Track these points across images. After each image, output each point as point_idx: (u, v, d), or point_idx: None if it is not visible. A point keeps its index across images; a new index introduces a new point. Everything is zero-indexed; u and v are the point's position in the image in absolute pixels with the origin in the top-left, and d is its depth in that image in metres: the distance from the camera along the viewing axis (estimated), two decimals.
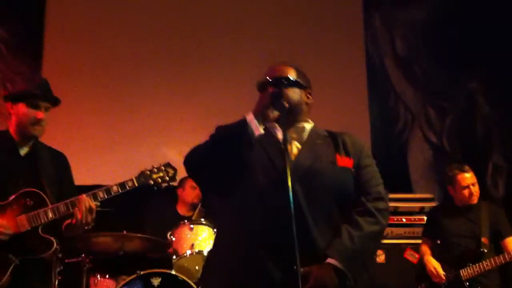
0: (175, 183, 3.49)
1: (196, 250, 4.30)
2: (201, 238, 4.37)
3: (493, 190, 6.12)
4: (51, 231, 2.97)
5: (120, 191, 3.05)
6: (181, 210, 5.07)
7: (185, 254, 4.32)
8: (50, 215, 2.91)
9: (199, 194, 4.97)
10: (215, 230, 4.19)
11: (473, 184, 4.36)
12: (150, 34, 6.29)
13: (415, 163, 6.41)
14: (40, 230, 2.91)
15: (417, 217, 5.13)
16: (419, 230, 4.88)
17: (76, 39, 6.18)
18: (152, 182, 3.15)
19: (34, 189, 2.94)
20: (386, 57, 6.73)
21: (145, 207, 4.95)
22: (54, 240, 2.92)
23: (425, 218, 4.83)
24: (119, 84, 6.11)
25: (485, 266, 4.13)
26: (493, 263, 4.12)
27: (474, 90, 6.46)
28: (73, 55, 6.11)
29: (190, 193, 5.02)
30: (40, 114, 3.01)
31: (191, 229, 4.40)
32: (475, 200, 4.35)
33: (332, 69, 6.32)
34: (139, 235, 4.42)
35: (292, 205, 2.02)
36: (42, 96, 3.04)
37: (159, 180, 3.17)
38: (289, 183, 2.06)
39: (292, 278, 1.98)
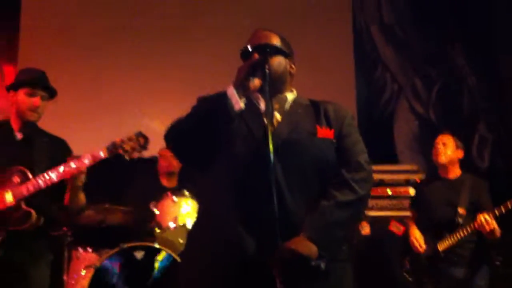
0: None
1: (180, 223, 4.27)
2: (184, 211, 4.33)
3: (478, 161, 6.12)
4: (42, 207, 3.17)
5: (91, 162, 3.16)
6: (164, 181, 4.99)
7: (168, 227, 4.28)
8: (31, 188, 3.10)
9: (173, 163, 4.86)
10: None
11: (443, 144, 4.37)
12: (126, 9, 6.20)
13: (401, 134, 6.40)
14: (23, 204, 3.11)
15: (402, 188, 5.08)
16: (404, 202, 4.86)
17: (54, 7, 6.08)
18: (121, 151, 3.19)
19: (21, 167, 3.15)
20: (373, 25, 6.64)
21: (128, 179, 4.88)
22: (32, 212, 3.10)
23: (410, 190, 4.82)
24: (99, 56, 6.03)
25: (458, 236, 4.13)
26: (465, 232, 4.11)
27: (461, 61, 6.41)
28: (50, 26, 6.03)
29: (169, 161, 4.91)
30: (37, 102, 3.26)
31: (174, 201, 4.36)
32: (441, 158, 4.35)
33: (318, 37, 6.25)
34: (122, 207, 4.37)
35: (272, 177, 2.00)
36: (39, 85, 3.27)
37: (130, 149, 3.20)
38: (271, 155, 2.03)
39: (268, 251, 1.98)
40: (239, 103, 2.14)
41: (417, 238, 4.29)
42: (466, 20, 6.18)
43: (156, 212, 4.35)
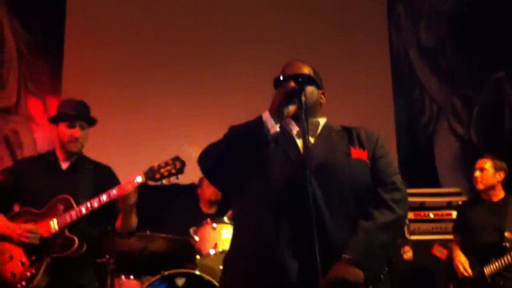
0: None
1: (220, 250, 4.27)
2: (224, 237, 4.33)
3: None
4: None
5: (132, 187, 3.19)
6: (204, 207, 5.04)
7: (208, 254, 4.29)
8: (74, 215, 3.17)
9: (216, 191, 4.91)
10: None
11: (481, 169, 4.32)
12: (170, 36, 6.32)
13: (442, 156, 6.31)
14: (67, 231, 3.18)
15: (444, 212, 5.02)
16: (447, 225, 4.80)
17: (97, 39, 6.24)
18: (159, 176, 3.20)
19: (66, 196, 3.22)
20: (411, 48, 6.62)
21: (168, 205, 4.93)
22: (75, 239, 3.16)
23: (453, 212, 4.75)
24: (140, 85, 6.14)
25: (505, 260, 4.04)
26: None
27: (501, 80, 6.31)
28: (93, 56, 6.16)
29: (206, 190, 4.98)
30: (76, 133, 3.33)
31: (214, 228, 4.37)
32: (479, 186, 4.31)
33: (356, 62, 6.26)
34: (163, 235, 4.40)
35: (310, 199, 2.00)
36: (76, 116, 3.33)
37: (166, 173, 3.21)
38: (309, 178, 2.04)
39: (311, 274, 1.96)
40: (275, 127, 2.16)
41: (463, 262, 4.21)
42: (505, 37, 6.08)
43: (196, 238, 4.36)
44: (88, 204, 3.16)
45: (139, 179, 3.18)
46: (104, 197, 3.16)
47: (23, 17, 6.19)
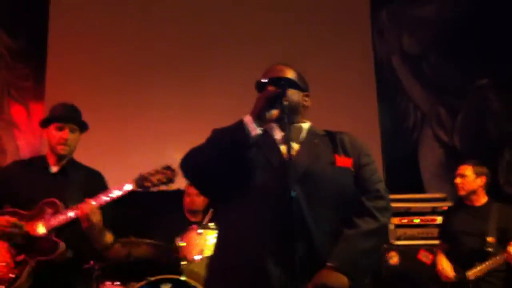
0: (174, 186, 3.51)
1: (206, 256, 4.24)
2: (210, 243, 4.31)
3: (506, 188, 6.02)
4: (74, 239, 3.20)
5: (120, 194, 3.19)
6: (189, 215, 5.01)
7: (194, 260, 4.27)
8: (61, 219, 3.14)
9: (203, 201, 4.88)
10: None
11: (461, 176, 4.38)
12: (154, 40, 6.31)
13: (426, 163, 6.34)
14: (53, 234, 3.14)
15: (429, 217, 5.05)
16: (432, 230, 4.83)
17: (80, 45, 6.20)
18: (149, 184, 3.22)
19: (54, 199, 3.19)
20: (394, 55, 6.66)
21: (153, 212, 4.90)
22: (59, 243, 3.13)
23: (438, 218, 4.78)
24: (123, 90, 6.13)
25: (488, 265, 4.07)
26: (495, 262, 4.06)
27: (484, 87, 6.36)
28: (77, 61, 6.14)
29: (187, 199, 4.95)
30: (65, 134, 3.30)
31: (199, 233, 4.35)
32: (461, 191, 4.37)
33: (339, 68, 6.29)
34: (147, 241, 4.37)
35: (294, 206, 2.00)
36: (66, 118, 3.32)
37: (157, 182, 3.22)
38: (291, 183, 2.04)
39: (293, 281, 1.97)
40: (256, 130, 2.16)
41: (444, 267, 4.24)
42: (488, 44, 6.15)
43: (182, 244, 4.34)
44: (77, 209, 3.12)
45: (129, 187, 3.18)
46: (93, 202, 3.13)
47: (5, 21, 6.14)
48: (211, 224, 4.44)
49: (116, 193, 3.18)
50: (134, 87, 6.10)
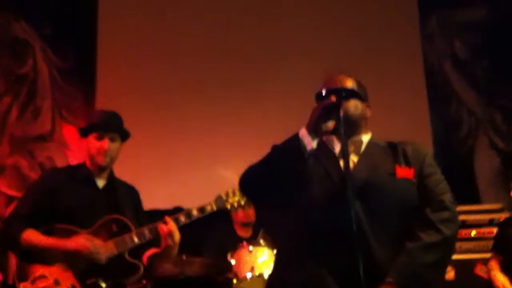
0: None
1: (257, 273, 4.24)
2: (260, 261, 4.31)
3: None
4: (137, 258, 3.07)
5: (199, 215, 3.17)
6: (239, 231, 5.00)
7: (245, 277, 4.26)
8: (136, 239, 3.01)
9: (250, 214, 4.86)
10: (274, 251, 4.12)
11: None
12: (205, 55, 6.31)
13: (482, 171, 6.14)
14: (127, 255, 3.01)
15: (486, 229, 4.90)
16: (489, 243, 4.67)
17: (130, 64, 6.26)
18: (229, 206, 3.24)
19: (118, 216, 3.06)
20: (445, 61, 6.51)
21: (204, 229, 4.90)
22: (140, 264, 3.03)
23: (495, 230, 4.63)
24: (172, 106, 6.15)
25: None
26: None
27: None
28: (126, 80, 6.19)
29: (238, 214, 4.92)
30: (104, 145, 3.11)
31: (250, 251, 4.35)
32: None
33: (390, 77, 6.17)
34: (199, 259, 4.39)
35: (353, 219, 1.95)
36: (105, 127, 3.13)
37: (235, 204, 3.26)
38: (351, 198, 2.00)
39: None
40: (311, 144, 2.12)
41: (504, 284, 4.10)
42: None
43: (233, 262, 4.34)
44: (148, 232, 3.02)
45: (210, 208, 3.19)
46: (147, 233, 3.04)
47: (55, 43, 6.28)
48: (262, 241, 4.44)
49: (196, 214, 3.16)
50: (184, 105, 6.12)
